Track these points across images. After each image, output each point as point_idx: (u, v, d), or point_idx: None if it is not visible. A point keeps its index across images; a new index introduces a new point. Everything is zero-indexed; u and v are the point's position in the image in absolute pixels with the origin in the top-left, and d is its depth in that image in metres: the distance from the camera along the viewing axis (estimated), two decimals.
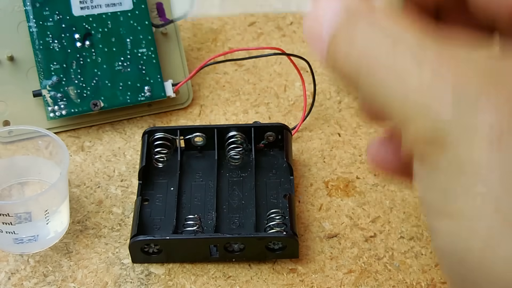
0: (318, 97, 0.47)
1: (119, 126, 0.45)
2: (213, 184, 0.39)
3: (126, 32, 0.44)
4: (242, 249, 0.36)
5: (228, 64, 0.49)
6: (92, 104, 0.43)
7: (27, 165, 0.41)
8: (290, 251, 0.36)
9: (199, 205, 0.39)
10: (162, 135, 0.40)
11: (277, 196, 0.39)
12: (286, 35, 0.52)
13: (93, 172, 0.42)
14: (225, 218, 0.38)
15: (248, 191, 0.39)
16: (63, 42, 0.42)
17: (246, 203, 0.39)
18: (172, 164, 0.40)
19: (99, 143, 0.44)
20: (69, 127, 0.44)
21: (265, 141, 0.41)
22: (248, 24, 0.53)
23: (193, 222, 0.36)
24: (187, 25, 0.52)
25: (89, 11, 0.43)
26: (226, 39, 0.51)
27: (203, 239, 0.35)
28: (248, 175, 0.40)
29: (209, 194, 0.39)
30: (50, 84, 0.42)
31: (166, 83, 0.44)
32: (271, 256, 0.36)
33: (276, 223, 0.36)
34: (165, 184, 0.40)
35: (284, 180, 0.39)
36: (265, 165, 0.41)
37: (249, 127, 0.40)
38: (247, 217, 0.38)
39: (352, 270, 0.37)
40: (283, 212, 0.37)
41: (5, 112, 0.43)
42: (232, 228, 0.37)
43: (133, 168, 0.42)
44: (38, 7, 0.42)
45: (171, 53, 0.46)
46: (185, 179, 0.40)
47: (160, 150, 0.40)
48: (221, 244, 0.36)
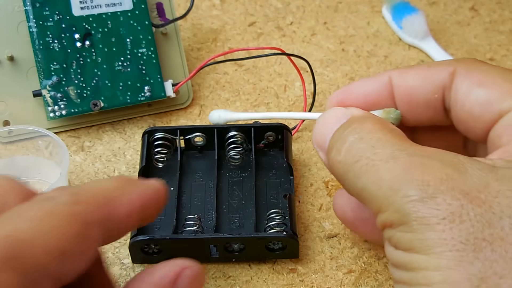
0: (318, 97, 0.47)
1: (119, 126, 0.45)
2: (213, 184, 0.39)
3: (126, 32, 0.44)
4: (242, 249, 0.36)
5: (228, 64, 0.49)
6: (92, 104, 0.43)
7: (27, 165, 0.41)
8: (290, 251, 0.36)
9: (199, 205, 0.39)
10: (162, 135, 0.40)
11: (277, 196, 0.39)
12: (286, 35, 0.52)
13: (93, 172, 0.42)
14: (225, 218, 0.38)
15: (248, 191, 0.39)
16: (63, 42, 0.42)
17: (246, 203, 0.39)
18: (172, 164, 0.40)
19: (99, 143, 0.44)
20: (69, 127, 0.44)
21: (265, 141, 0.41)
22: (248, 24, 0.53)
23: (193, 222, 0.36)
24: (187, 25, 0.52)
25: (89, 11, 0.43)
26: (226, 39, 0.52)
27: (203, 239, 0.35)
28: (248, 175, 0.40)
29: (209, 194, 0.39)
30: (50, 84, 0.42)
31: (166, 83, 0.44)
32: (271, 256, 0.36)
33: (276, 223, 0.36)
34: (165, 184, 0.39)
35: (284, 180, 0.39)
36: (265, 165, 0.41)
37: (249, 127, 0.40)
38: (247, 217, 0.38)
39: (352, 270, 0.37)
40: (283, 212, 0.37)
41: (5, 112, 0.43)
42: (232, 228, 0.37)
43: (133, 168, 0.42)
44: (38, 7, 0.42)
45: (171, 53, 0.46)
46: (185, 179, 0.40)
47: (160, 150, 0.40)
48: (221, 244, 0.35)
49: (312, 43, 0.52)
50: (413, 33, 0.51)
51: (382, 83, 0.32)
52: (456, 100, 0.30)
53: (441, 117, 0.32)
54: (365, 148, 0.27)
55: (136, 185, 0.26)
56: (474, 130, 0.30)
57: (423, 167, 0.25)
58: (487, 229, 0.24)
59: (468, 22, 0.55)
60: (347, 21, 0.54)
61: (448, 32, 0.53)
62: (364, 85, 0.33)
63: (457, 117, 0.30)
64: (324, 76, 0.49)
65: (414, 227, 0.24)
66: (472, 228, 0.24)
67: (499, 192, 0.24)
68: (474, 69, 0.30)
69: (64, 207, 0.22)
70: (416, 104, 0.32)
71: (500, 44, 0.53)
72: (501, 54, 0.52)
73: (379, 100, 0.32)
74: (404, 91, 0.32)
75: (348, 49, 0.51)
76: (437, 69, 0.31)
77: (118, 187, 0.25)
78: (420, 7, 0.53)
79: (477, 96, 0.29)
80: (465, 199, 0.24)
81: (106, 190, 0.25)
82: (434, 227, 0.24)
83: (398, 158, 0.26)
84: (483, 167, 0.25)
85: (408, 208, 0.25)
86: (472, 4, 0.56)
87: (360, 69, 0.50)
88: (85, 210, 0.23)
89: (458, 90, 0.30)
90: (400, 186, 0.25)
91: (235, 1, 0.55)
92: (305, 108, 0.44)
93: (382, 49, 0.52)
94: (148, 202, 0.26)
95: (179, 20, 0.47)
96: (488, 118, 0.29)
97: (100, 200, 0.24)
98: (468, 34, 0.53)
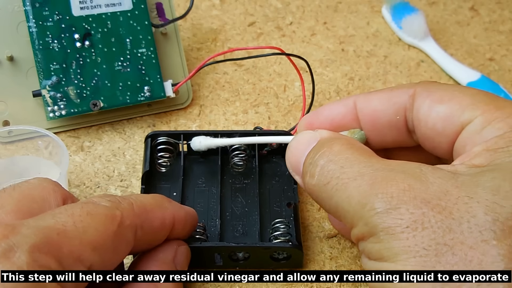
0: (318, 97, 0.47)
1: (119, 126, 0.45)
2: (216, 190, 0.39)
3: (126, 32, 0.44)
4: (247, 258, 0.36)
5: (228, 64, 0.49)
6: (91, 104, 0.43)
7: (27, 165, 0.41)
8: (295, 261, 0.36)
9: (202, 211, 0.38)
10: (165, 139, 0.40)
11: (281, 204, 0.39)
12: (286, 35, 0.52)
13: (92, 172, 0.42)
14: (228, 225, 0.38)
15: (251, 198, 0.39)
16: (62, 42, 0.42)
17: (249, 210, 0.38)
18: (174, 169, 0.40)
19: (98, 143, 0.44)
20: (68, 127, 0.44)
21: (269, 147, 0.40)
22: (248, 24, 0.53)
23: (198, 230, 0.36)
24: (187, 25, 0.52)
25: (89, 11, 0.43)
26: (226, 39, 0.52)
27: (208, 247, 0.35)
28: (251, 181, 0.40)
29: (212, 201, 0.39)
30: (49, 84, 0.42)
31: (166, 83, 0.44)
32: (275, 266, 0.36)
33: (280, 233, 0.36)
34: (168, 189, 0.39)
35: (288, 188, 0.39)
36: (268, 171, 0.40)
37: (253, 134, 0.40)
38: (250, 224, 0.38)
39: (352, 270, 0.37)
40: (287, 222, 0.37)
41: (5, 112, 0.43)
42: (236, 235, 0.37)
43: (132, 168, 0.42)
44: (37, 7, 0.42)
45: (170, 53, 0.46)
46: (188, 185, 0.39)
47: (163, 155, 0.39)
48: (226, 253, 0.35)
49: (312, 43, 0.52)
50: (412, 33, 0.52)
51: (347, 107, 0.34)
52: (419, 119, 0.31)
53: (405, 138, 0.33)
54: (335, 169, 0.29)
55: (171, 204, 0.32)
56: (439, 145, 0.31)
57: (387, 180, 0.27)
58: (448, 234, 0.25)
59: (468, 22, 0.55)
60: (346, 21, 0.54)
61: (448, 32, 0.54)
62: (331, 109, 0.34)
63: (422, 136, 0.32)
64: (324, 76, 0.49)
65: (381, 238, 0.26)
66: (433, 234, 0.25)
67: (458, 198, 0.26)
68: (433, 88, 0.32)
69: (103, 210, 0.28)
70: (380, 126, 0.33)
71: (500, 44, 0.53)
72: (501, 54, 0.52)
73: (345, 123, 0.34)
74: (368, 114, 0.33)
75: (347, 49, 0.51)
76: (398, 92, 0.33)
77: (155, 202, 0.31)
78: (419, 7, 0.53)
79: (438, 112, 0.31)
80: (426, 207, 0.26)
81: (143, 202, 0.30)
82: (399, 236, 0.26)
83: (365, 175, 0.28)
84: (444, 175, 0.27)
85: (375, 220, 0.26)
86: (472, 4, 0.56)
87: (359, 69, 0.50)
88: (122, 215, 0.28)
89: (420, 109, 0.31)
90: (367, 200, 0.27)
91: (235, 1, 0.55)
92: (304, 108, 0.44)
93: (381, 49, 0.52)
94: (180, 221, 0.32)
95: (179, 20, 0.47)
96: (451, 131, 0.30)
97: (137, 209, 0.30)
98: (467, 34, 0.53)
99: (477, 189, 0.26)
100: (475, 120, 0.29)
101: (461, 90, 0.31)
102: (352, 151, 0.29)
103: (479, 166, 0.27)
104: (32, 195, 0.29)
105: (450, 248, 0.25)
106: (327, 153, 0.30)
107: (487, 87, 0.47)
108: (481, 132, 0.29)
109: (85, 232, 0.27)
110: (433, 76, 0.50)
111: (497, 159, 0.27)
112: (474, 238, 0.25)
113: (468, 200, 0.26)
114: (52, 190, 0.30)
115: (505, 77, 0.50)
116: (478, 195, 0.26)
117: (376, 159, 0.29)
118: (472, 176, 0.27)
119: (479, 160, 0.27)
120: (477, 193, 0.26)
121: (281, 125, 0.45)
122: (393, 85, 0.49)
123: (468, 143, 0.29)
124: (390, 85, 0.49)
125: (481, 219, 0.25)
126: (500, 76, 0.50)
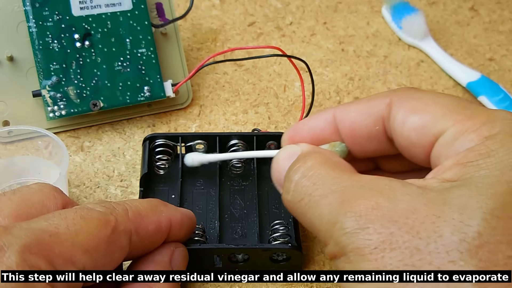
0: (318, 97, 0.47)
1: (119, 126, 0.45)
2: (215, 192, 0.39)
3: (126, 32, 0.44)
4: (246, 259, 0.36)
5: (228, 64, 0.49)
6: (91, 104, 0.43)
7: (27, 165, 0.41)
8: (294, 263, 0.36)
9: (200, 214, 0.38)
10: (163, 142, 0.40)
11: (279, 206, 0.39)
12: (286, 35, 0.52)
13: (92, 172, 0.42)
14: (227, 227, 0.38)
15: (250, 200, 0.39)
16: (62, 42, 0.42)
17: (248, 212, 0.38)
18: (172, 171, 0.40)
19: (98, 143, 0.44)
20: (68, 127, 0.44)
21: (267, 149, 0.40)
22: (248, 24, 0.53)
23: (197, 232, 0.36)
24: (187, 25, 0.52)
25: (89, 11, 0.43)
26: (225, 39, 0.52)
27: (208, 249, 0.35)
28: (249, 183, 0.40)
29: (211, 203, 0.39)
30: (49, 84, 0.42)
31: (166, 83, 0.44)
32: (275, 267, 0.36)
33: (279, 234, 0.36)
34: (166, 191, 0.39)
35: None
36: (266, 174, 0.40)
37: (251, 136, 0.40)
38: (249, 226, 0.38)
39: None
40: (286, 223, 0.37)
41: (5, 112, 0.43)
42: (235, 237, 0.37)
43: (132, 168, 0.42)
44: (37, 7, 0.42)
45: (170, 53, 0.46)
46: (186, 187, 0.39)
47: (161, 157, 0.39)
48: (225, 255, 0.35)
49: (312, 43, 0.52)
50: (412, 33, 0.52)
51: (327, 121, 0.34)
52: (395, 129, 0.31)
53: (387, 147, 0.33)
54: (308, 185, 0.29)
55: (167, 208, 0.32)
56: (416, 155, 0.31)
57: (356, 198, 0.27)
58: (415, 255, 0.25)
59: (467, 22, 0.55)
60: (346, 21, 0.54)
61: (448, 32, 0.54)
62: (312, 123, 0.34)
63: (399, 146, 0.32)
64: (324, 76, 0.49)
65: (351, 258, 0.26)
66: (401, 255, 0.25)
67: (426, 217, 0.25)
68: (408, 97, 0.31)
69: (97, 214, 0.28)
70: (360, 137, 0.33)
71: (500, 44, 0.53)
72: (500, 54, 0.52)
73: (325, 136, 0.34)
74: (347, 125, 0.33)
75: (347, 49, 0.51)
76: (375, 102, 0.32)
77: (150, 207, 0.31)
78: (419, 7, 0.53)
79: (412, 123, 0.30)
80: (394, 226, 0.25)
81: (139, 207, 0.30)
82: (368, 257, 0.25)
83: (335, 192, 0.27)
84: (413, 192, 0.26)
85: (344, 240, 0.26)
86: (472, 4, 0.56)
87: (359, 69, 0.50)
88: (117, 220, 0.29)
89: (395, 119, 0.31)
90: (336, 219, 0.27)
91: (235, 1, 0.55)
92: (304, 108, 0.44)
93: (381, 49, 0.52)
94: (177, 224, 0.32)
95: (179, 20, 0.47)
96: (425, 142, 0.30)
97: (131, 215, 0.30)
98: (467, 34, 0.53)
99: (444, 207, 0.25)
100: (447, 132, 0.29)
101: (435, 100, 0.30)
102: (325, 166, 0.29)
103: (449, 180, 0.27)
104: (31, 200, 0.29)
105: (419, 270, 0.24)
106: (301, 168, 0.30)
107: (487, 87, 0.47)
108: (453, 144, 0.28)
109: (77, 235, 0.27)
110: (433, 76, 0.50)
111: (467, 174, 0.26)
112: (442, 259, 0.24)
113: (435, 219, 0.25)
114: (52, 196, 0.30)
115: (505, 77, 0.50)
116: (445, 214, 0.25)
117: (348, 175, 0.28)
118: (440, 192, 0.26)
119: (449, 174, 0.27)
120: (444, 212, 0.25)
121: (281, 125, 0.45)
122: (393, 85, 0.49)
123: (442, 154, 0.29)
124: (390, 85, 0.49)
125: (447, 239, 0.24)
126: (500, 76, 0.50)
